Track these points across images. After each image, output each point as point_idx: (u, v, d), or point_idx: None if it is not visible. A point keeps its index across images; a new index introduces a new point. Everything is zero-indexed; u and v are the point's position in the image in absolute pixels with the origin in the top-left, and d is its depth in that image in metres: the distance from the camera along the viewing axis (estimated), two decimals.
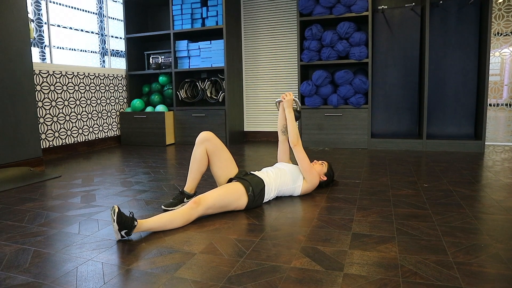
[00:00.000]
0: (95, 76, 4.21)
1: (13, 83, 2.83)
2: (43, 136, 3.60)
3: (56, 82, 3.72)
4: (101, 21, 4.47)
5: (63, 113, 3.82)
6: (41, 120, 3.57)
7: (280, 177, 2.06)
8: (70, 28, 4.03)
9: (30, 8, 3.52)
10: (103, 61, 4.52)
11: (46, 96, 3.62)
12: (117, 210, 1.49)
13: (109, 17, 4.61)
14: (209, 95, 4.50)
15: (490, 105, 4.01)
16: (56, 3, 3.84)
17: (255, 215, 1.84)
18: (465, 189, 2.24)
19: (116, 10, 4.75)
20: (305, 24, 4.14)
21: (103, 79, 4.34)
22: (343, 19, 3.92)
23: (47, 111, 3.64)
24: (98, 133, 4.30)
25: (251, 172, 2.04)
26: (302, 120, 4.08)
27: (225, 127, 4.34)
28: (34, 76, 3.46)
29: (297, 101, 2.25)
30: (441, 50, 3.74)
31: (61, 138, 3.81)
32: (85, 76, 4.07)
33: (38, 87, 3.54)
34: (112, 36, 4.67)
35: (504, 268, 1.25)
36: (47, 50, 3.73)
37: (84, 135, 4.09)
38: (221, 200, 1.79)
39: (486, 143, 4.03)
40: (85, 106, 4.09)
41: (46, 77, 3.62)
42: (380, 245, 1.45)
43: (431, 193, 2.17)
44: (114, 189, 2.42)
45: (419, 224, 1.67)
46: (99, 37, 4.45)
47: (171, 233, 1.62)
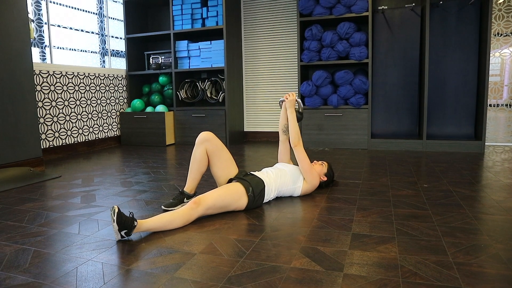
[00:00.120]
0: (95, 76, 4.21)
1: (13, 83, 2.83)
2: (43, 136, 3.60)
3: (56, 82, 3.72)
4: (101, 21, 4.48)
5: (63, 113, 3.82)
6: (41, 120, 3.57)
7: (280, 178, 2.07)
8: (70, 28, 4.03)
9: (30, 8, 3.52)
10: (103, 61, 4.52)
11: (46, 96, 3.62)
12: (117, 210, 1.49)
13: (109, 17, 4.61)
14: (209, 95, 4.50)
15: (490, 106, 4.01)
16: (56, 3, 3.84)
17: (255, 216, 1.84)
18: (465, 190, 2.24)
19: (116, 10, 4.75)
20: (305, 25, 4.14)
21: (103, 79, 4.34)
22: (343, 20, 3.92)
23: (47, 111, 3.64)
24: (98, 133, 4.30)
25: (251, 173, 2.04)
26: (302, 121, 4.08)
27: (225, 127, 4.34)
28: (34, 76, 3.46)
29: (300, 103, 2.24)
30: (441, 51, 3.74)
31: (61, 138, 3.81)
32: (85, 76, 4.07)
33: (38, 87, 3.54)
34: (112, 36, 4.67)
35: (504, 269, 1.25)
36: (47, 50, 3.73)
37: (84, 135, 4.09)
38: (221, 201, 1.79)
39: (486, 144, 4.03)
40: (85, 106, 4.09)
41: (46, 77, 3.62)
42: (380, 246, 1.45)
43: (431, 194, 2.17)
44: (114, 189, 2.42)
45: (419, 225, 1.67)
46: (99, 37, 4.45)
47: (171, 233, 1.62)
